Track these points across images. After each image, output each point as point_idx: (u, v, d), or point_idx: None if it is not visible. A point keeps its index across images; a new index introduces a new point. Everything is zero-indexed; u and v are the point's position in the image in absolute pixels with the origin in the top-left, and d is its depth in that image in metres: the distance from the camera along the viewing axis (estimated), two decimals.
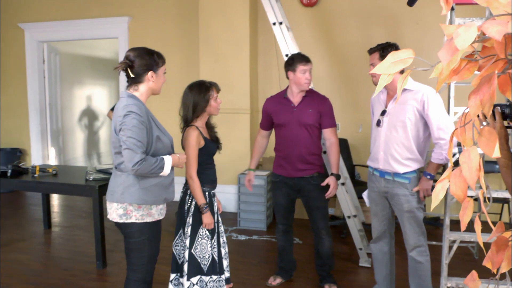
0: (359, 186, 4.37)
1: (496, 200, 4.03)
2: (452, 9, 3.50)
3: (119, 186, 2.30)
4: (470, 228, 3.86)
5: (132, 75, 2.28)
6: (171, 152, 2.41)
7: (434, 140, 2.67)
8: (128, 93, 2.29)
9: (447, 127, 2.62)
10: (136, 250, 2.35)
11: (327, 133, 3.20)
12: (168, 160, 2.29)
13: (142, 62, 2.26)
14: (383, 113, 2.80)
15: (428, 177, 2.70)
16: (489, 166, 4.31)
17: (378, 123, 2.82)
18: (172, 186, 2.43)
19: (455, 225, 4.74)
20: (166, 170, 2.29)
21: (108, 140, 8.63)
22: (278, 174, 3.26)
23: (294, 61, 3.10)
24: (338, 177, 3.20)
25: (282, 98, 3.21)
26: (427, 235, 2.83)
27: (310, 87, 3.23)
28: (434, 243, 3.86)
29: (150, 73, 2.29)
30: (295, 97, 3.17)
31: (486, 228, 1.09)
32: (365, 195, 3.07)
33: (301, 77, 3.08)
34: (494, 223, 0.93)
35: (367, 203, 3.04)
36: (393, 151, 2.74)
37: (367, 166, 3.11)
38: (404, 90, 2.72)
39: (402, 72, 2.80)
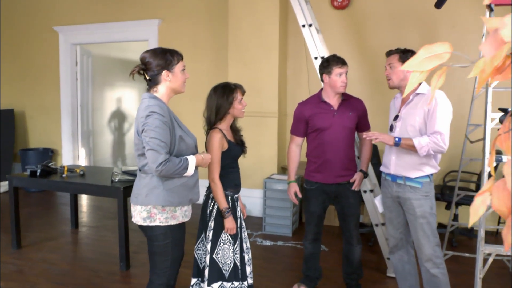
0: None
1: None
2: (491, 10, 3.37)
3: (143, 189, 2.27)
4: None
5: (148, 78, 2.26)
6: (195, 152, 2.36)
7: (430, 133, 2.56)
8: (150, 94, 2.26)
9: (445, 131, 2.53)
10: (160, 253, 2.31)
11: (364, 135, 3.16)
12: (192, 160, 2.24)
13: (155, 62, 2.23)
14: (396, 118, 2.75)
15: (397, 139, 2.59)
16: None
17: (391, 129, 2.79)
18: (197, 186, 2.39)
19: (489, 236, 4.53)
20: (190, 171, 2.24)
21: None
22: (314, 182, 3.13)
23: (330, 63, 2.99)
24: (366, 174, 3.18)
25: (320, 102, 3.08)
26: (459, 246, 2.69)
27: None
28: (467, 255, 3.69)
29: (165, 73, 2.25)
30: (332, 100, 3.06)
31: None
32: (377, 200, 3.00)
33: (337, 80, 2.98)
34: None
35: (380, 209, 2.97)
36: (404, 156, 2.67)
37: None
38: (417, 94, 2.66)
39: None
